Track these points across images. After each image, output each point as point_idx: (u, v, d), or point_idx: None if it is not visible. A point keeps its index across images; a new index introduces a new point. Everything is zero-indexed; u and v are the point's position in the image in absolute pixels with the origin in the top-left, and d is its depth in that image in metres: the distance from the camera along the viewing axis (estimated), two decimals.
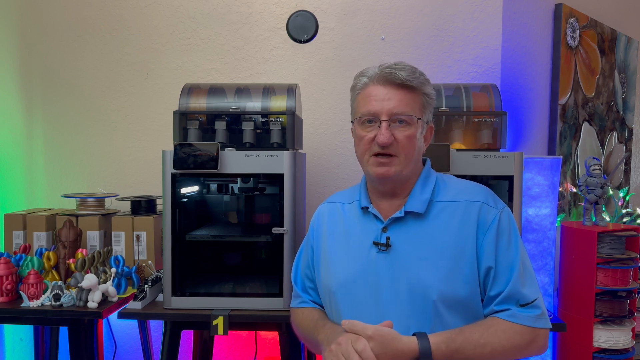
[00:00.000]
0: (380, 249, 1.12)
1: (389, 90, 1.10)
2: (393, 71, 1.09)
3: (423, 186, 1.16)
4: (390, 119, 1.09)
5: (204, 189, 1.99)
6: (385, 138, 1.08)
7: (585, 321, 2.22)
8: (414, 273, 1.08)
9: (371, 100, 1.11)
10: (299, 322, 1.27)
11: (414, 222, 1.13)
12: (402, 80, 1.09)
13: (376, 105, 1.10)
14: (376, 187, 1.17)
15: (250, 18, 2.39)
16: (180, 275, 1.77)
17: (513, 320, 1.06)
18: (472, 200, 1.13)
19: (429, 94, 1.15)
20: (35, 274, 1.78)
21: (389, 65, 1.11)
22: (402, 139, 1.10)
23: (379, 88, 1.11)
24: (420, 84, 1.12)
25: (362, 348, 0.98)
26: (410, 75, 1.10)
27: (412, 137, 1.11)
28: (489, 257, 1.08)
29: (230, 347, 2.43)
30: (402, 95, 1.10)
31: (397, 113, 1.09)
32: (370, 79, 1.13)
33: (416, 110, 1.12)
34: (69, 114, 2.45)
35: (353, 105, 1.18)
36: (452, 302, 1.07)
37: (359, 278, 1.12)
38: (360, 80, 1.15)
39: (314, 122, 2.39)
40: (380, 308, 1.09)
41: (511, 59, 2.43)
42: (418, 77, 1.11)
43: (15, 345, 2.49)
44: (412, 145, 1.11)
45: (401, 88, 1.10)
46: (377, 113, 1.10)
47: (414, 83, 1.10)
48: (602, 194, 2.27)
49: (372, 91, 1.12)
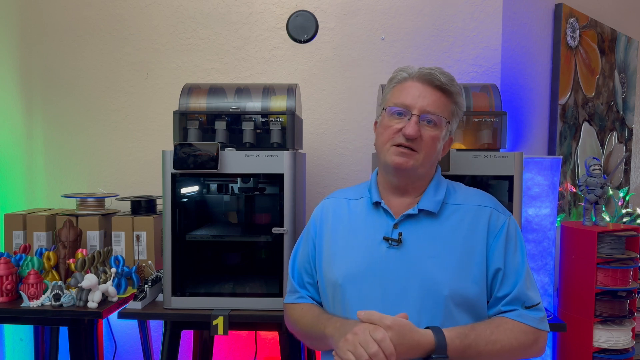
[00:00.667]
0: (391, 244, 1.14)
1: (426, 89, 1.14)
2: (434, 72, 1.14)
3: (436, 188, 1.20)
4: (421, 115, 1.13)
5: (204, 189, 1.99)
6: (413, 131, 1.11)
7: (585, 321, 2.22)
8: (426, 270, 1.11)
9: (407, 94, 1.15)
10: (297, 318, 1.26)
11: (426, 221, 1.16)
12: (441, 83, 1.14)
13: (410, 99, 1.14)
14: (390, 180, 1.19)
15: (250, 18, 2.39)
16: (180, 275, 1.77)
17: (520, 320, 1.11)
18: (483, 206, 1.17)
19: (459, 105, 1.19)
20: (35, 274, 1.78)
21: (430, 68, 1.16)
22: (427, 138, 1.13)
23: (417, 85, 1.15)
24: (456, 92, 1.17)
25: (381, 337, 0.99)
26: (449, 81, 1.15)
27: (436, 138, 1.15)
28: (498, 260, 1.13)
29: (230, 347, 2.43)
30: (436, 96, 1.14)
31: (428, 111, 1.13)
32: (410, 75, 1.17)
33: (446, 114, 1.16)
34: (69, 114, 2.45)
35: (386, 95, 1.21)
36: (461, 300, 1.10)
37: (368, 272, 1.14)
38: (400, 74, 1.19)
39: (314, 122, 2.39)
40: (389, 302, 1.11)
41: (511, 59, 2.43)
42: (455, 85, 1.17)
43: (15, 345, 2.49)
44: (434, 146, 1.15)
45: (437, 90, 1.15)
46: (410, 106, 1.13)
47: (450, 88, 1.15)
48: (602, 194, 2.27)
49: (410, 85, 1.16)
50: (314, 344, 1.24)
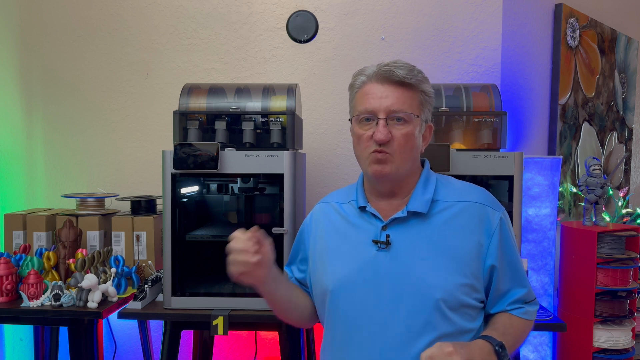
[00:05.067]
0: (380, 247, 1.12)
1: (387, 88, 1.10)
2: (390, 69, 1.09)
3: (425, 187, 1.16)
4: (387, 116, 1.09)
5: (204, 189, 1.99)
6: (383, 135, 1.08)
7: (585, 321, 2.22)
8: (416, 272, 1.08)
9: (369, 98, 1.11)
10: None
11: (416, 222, 1.13)
12: (400, 78, 1.09)
13: (374, 103, 1.10)
14: (375, 187, 1.17)
15: (250, 18, 2.39)
16: (180, 275, 1.77)
17: (526, 317, 1.15)
18: (475, 202, 1.14)
19: (427, 92, 1.14)
20: (35, 274, 1.78)
21: (386, 64, 1.11)
22: (400, 137, 1.09)
23: (377, 86, 1.11)
24: (418, 82, 1.12)
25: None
26: (408, 73, 1.10)
27: (409, 135, 1.10)
28: (493, 257, 1.11)
29: (230, 347, 2.43)
30: (399, 93, 1.10)
31: (394, 110, 1.09)
32: (368, 77, 1.12)
33: (414, 108, 1.11)
34: (69, 114, 2.45)
35: (351, 104, 1.18)
36: (455, 302, 1.07)
37: (359, 277, 1.12)
38: (359, 78, 1.15)
39: (314, 122, 2.39)
40: (381, 306, 1.09)
41: (511, 59, 2.43)
42: (416, 75, 1.11)
43: (15, 345, 2.49)
44: (410, 143, 1.11)
45: (399, 86, 1.10)
46: (375, 111, 1.10)
47: (411, 81, 1.10)
48: (602, 194, 2.28)
49: (370, 89, 1.11)
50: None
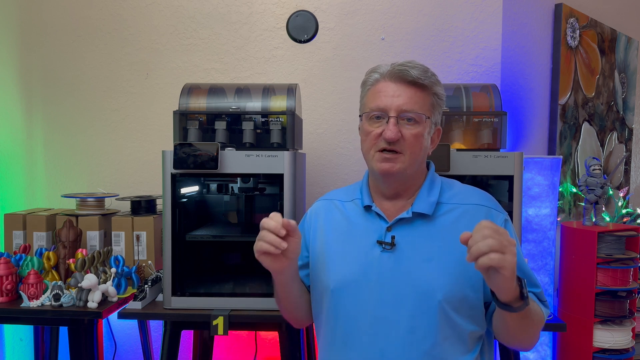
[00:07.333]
0: (384, 247, 1.11)
1: (399, 87, 1.10)
2: (405, 68, 1.10)
3: (430, 188, 1.16)
4: (398, 115, 1.09)
5: (204, 189, 1.99)
6: (393, 133, 1.08)
7: (585, 321, 2.22)
8: (420, 274, 1.08)
9: (381, 96, 1.11)
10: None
11: (421, 223, 1.13)
12: (413, 78, 1.09)
13: (385, 101, 1.10)
14: (380, 188, 1.17)
15: (250, 18, 2.39)
16: (180, 275, 1.77)
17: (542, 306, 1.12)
18: (480, 204, 1.14)
19: (439, 95, 1.15)
20: (35, 274, 1.78)
21: (401, 63, 1.11)
22: (409, 137, 1.09)
23: (390, 84, 1.11)
24: (431, 84, 1.12)
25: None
26: (422, 73, 1.10)
27: (419, 135, 1.11)
28: None
29: (230, 347, 2.43)
30: (412, 92, 1.10)
31: (405, 110, 1.09)
32: (382, 75, 1.13)
33: (425, 109, 1.12)
34: (69, 114, 2.45)
35: (362, 100, 1.18)
36: (458, 303, 1.07)
37: (361, 277, 1.12)
38: (372, 76, 1.15)
39: (314, 122, 2.39)
40: (384, 307, 1.09)
41: (511, 59, 2.43)
42: (429, 76, 1.11)
43: (15, 345, 2.49)
44: (419, 144, 1.11)
45: (412, 86, 1.10)
46: (386, 109, 1.10)
47: (424, 82, 1.10)
48: (602, 194, 2.28)
49: (383, 87, 1.12)
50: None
